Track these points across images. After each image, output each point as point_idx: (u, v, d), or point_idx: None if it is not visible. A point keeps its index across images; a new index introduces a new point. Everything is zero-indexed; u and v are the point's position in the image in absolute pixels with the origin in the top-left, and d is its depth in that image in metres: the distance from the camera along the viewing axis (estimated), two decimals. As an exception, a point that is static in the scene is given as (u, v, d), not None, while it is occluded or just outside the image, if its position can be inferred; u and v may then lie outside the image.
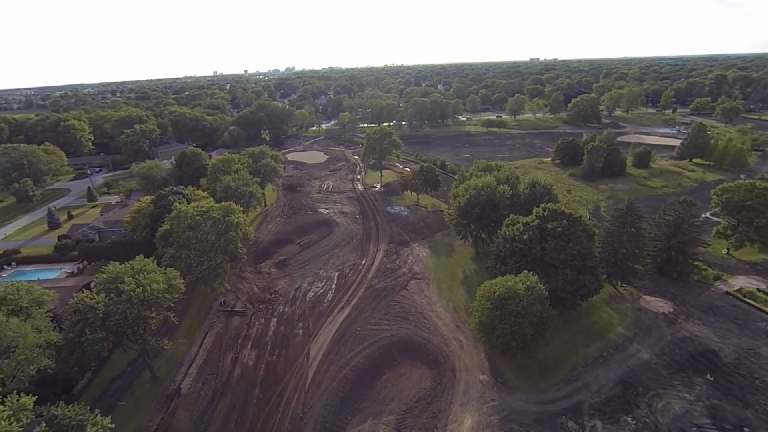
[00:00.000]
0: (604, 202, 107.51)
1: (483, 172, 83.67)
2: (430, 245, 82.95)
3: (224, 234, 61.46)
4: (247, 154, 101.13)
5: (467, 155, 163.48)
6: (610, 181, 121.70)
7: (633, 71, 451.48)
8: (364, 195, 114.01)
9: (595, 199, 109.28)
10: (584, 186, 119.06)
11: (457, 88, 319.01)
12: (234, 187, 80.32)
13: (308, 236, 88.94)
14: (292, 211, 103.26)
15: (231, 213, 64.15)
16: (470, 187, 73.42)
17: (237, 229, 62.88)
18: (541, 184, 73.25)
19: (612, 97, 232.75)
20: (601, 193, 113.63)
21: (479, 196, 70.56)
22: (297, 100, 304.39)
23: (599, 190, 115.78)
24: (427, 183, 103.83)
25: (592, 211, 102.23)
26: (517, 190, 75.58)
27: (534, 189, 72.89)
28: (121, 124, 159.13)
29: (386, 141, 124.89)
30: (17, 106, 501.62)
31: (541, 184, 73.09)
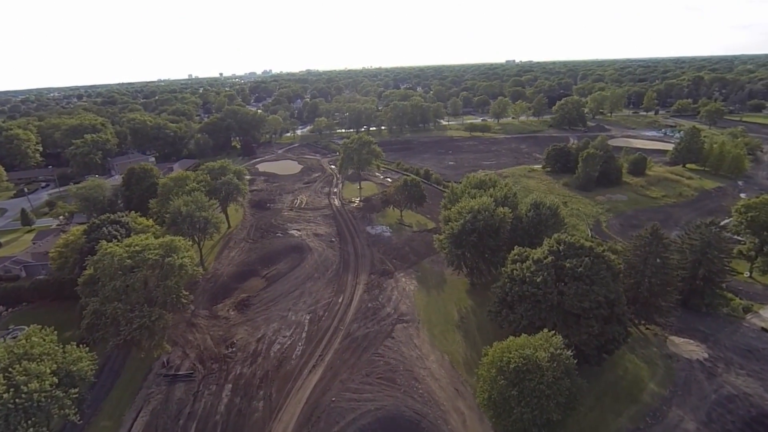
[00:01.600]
0: (604, 216, 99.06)
1: (476, 189, 73.10)
2: (417, 275, 71.72)
3: (163, 281, 48.35)
4: (205, 170, 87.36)
5: (452, 162, 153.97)
6: (607, 191, 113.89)
7: (609, 72, 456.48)
8: (341, 212, 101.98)
9: (594, 213, 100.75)
10: (580, 197, 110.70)
11: (438, 90, 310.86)
12: (185, 213, 66.84)
13: (276, 266, 76.27)
14: (260, 234, 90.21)
15: (173, 252, 51.09)
16: (464, 209, 62.60)
17: (180, 274, 49.87)
18: (546, 205, 63.24)
19: (596, 100, 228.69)
20: (599, 205, 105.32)
21: (475, 221, 59.84)
22: (271, 105, 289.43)
23: (597, 202, 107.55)
24: (412, 198, 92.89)
25: (593, 226, 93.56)
26: (518, 211, 65.29)
27: (538, 211, 62.80)
28: (72, 133, 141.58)
29: (365, 151, 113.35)
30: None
31: (546, 205, 63.06)
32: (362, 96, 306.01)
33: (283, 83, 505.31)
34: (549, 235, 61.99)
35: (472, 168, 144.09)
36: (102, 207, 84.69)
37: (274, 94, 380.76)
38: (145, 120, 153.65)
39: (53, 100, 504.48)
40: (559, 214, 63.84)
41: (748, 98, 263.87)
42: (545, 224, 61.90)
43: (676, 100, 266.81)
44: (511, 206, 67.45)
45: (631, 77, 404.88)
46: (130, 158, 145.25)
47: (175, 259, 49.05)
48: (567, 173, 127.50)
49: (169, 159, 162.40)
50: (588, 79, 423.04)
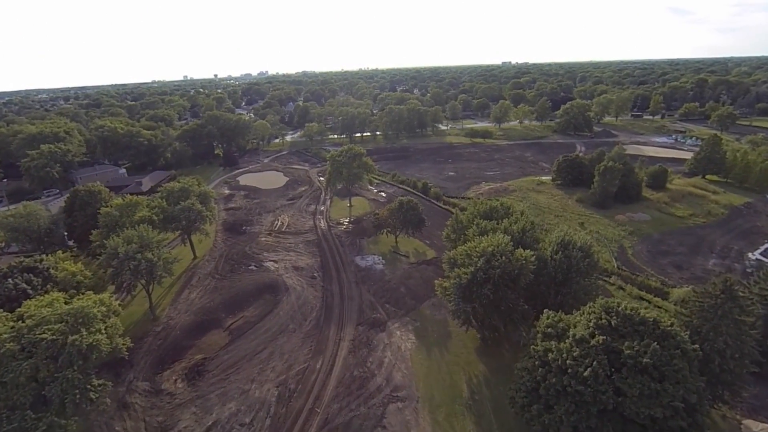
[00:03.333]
0: (627, 240, 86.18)
1: (486, 220, 60.03)
2: (415, 326, 58.53)
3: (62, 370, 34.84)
4: (163, 192, 73.64)
5: (452, 173, 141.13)
6: (626, 209, 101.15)
7: (607, 75, 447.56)
8: (327, 237, 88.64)
9: (617, 236, 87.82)
10: (598, 216, 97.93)
11: (435, 93, 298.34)
12: (123, 255, 53.31)
13: (244, 312, 62.84)
14: (230, 267, 76.67)
15: (86, 323, 37.64)
16: (474, 251, 49.49)
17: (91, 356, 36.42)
18: (576, 244, 50.22)
19: (601, 103, 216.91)
20: (620, 226, 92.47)
21: (489, 269, 46.79)
22: (261, 108, 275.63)
23: (617, 222, 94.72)
24: (408, 223, 79.79)
25: (617, 253, 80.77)
26: (541, 251, 52.28)
27: (567, 253, 49.79)
28: (30, 143, 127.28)
29: (355, 164, 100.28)
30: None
31: (577, 245, 50.06)
32: (357, 99, 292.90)
33: (276, 85, 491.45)
34: (580, 282, 49.42)
35: (474, 179, 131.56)
36: (38, 238, 70.73)
37: (267, 96, 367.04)
38: (116, 127, 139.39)
39: (38, 102, 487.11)
40: (593, 255, 50.86)
41: (755, 101, 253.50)
42: (576, 269, 48.98)
43: (681, 103, 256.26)
44: (531, 243, 54.52)
45: (631, 80, 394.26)
46: (96, 170, 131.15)
47: (81, 338, 35.54)
48: (580, 187, 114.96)
49: (145, 170, 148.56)
50: (587, 81, 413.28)
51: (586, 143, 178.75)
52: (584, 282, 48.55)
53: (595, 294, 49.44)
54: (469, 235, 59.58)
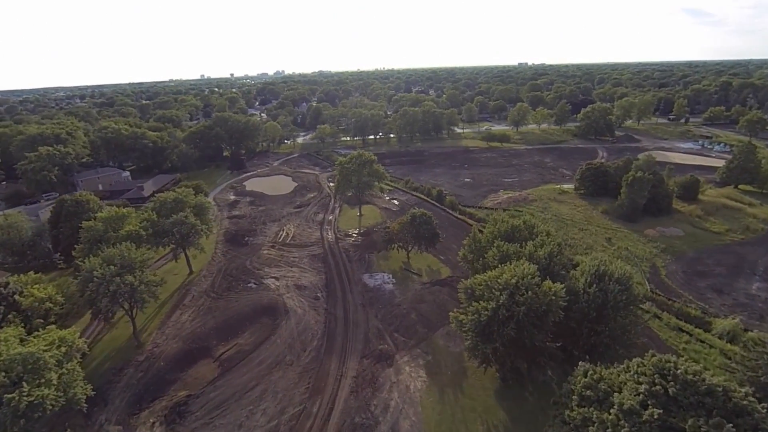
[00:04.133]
0: (660, 259, 77.70)
1: (507, 242, 53.26)
2: (426, 361, 52.14)
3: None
4: (156, 203, 68.83)
5: (468, 179, 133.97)
6: (656, 222, 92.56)
7: (626, 76, 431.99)
8: (334, 250, 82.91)
9: (647, 254, 79.40)
10: (626, 230, 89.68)
11: (451, 94, 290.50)
12: (99, 279, 48.26)
13: (238, 339, 57.45)
14: (227, 284, 71.55)
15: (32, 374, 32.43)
16: (495, 282, 42.87)
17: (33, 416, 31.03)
18: (613, 275, 43.11)
19: (622, 107, 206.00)
20: (651, 242, 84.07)
21: (514, 305, 40.18)
22: (274, 108, 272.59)
23: (647, 237, 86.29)
24: (421, 238, 73.39)
25: (649, 274, 72.66)
26: (571, 283, 45.31)
27: (603, 285, 42.75)
28: (29, 144, 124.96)
29: (366, 171, 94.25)
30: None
31: (614, 277, 42.94)
32: (371, 100, 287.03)
33: (291, 85, 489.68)
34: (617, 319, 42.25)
35: (491, 187, 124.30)
36: (21, 251, 66.58)
37: (280, 96, 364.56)
38: (120, 128, 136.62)
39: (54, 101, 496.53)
40: (632, 288, 43.64)
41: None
42: (613, 304, 41.93)
43: (705, 107, 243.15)
44: (559, 271, 47.61)
45: (652, 82, 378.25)
46: (98, 173, 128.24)
47: (21, 396, 30.14)
48: (605, 197, 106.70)
49: (150, 172, 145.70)
50: (606, 83, 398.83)
51: (608, 148, 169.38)
52: (622, 320, 41.47)
53: (634, 333, 42.45)
54: (488, 258, 52.98)
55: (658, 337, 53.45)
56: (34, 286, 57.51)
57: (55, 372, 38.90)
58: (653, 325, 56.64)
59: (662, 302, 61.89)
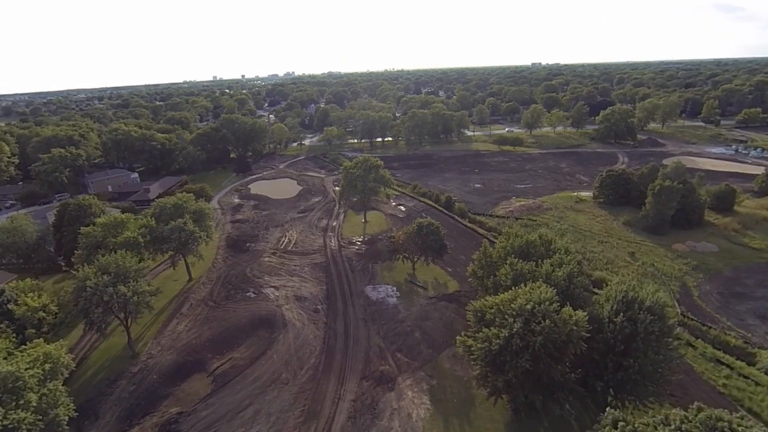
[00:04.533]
0: (691, 278, 71.86)
1: (521, 260, 48.98)
2: (430, 386, 48.14)
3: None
4: (156, 208, 66.56)
5: (478, 185, 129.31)
6: (687, 236, 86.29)
7: (648, 76, 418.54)
8: (337, 259, 79.50)
9: (676, 271, 73.60)
10: (651, 244, 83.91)
11: (461, 96, 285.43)
12: (92, 290, 45.84)
13: (233, 353, 54.44)
14: (226, 293, 68.75)
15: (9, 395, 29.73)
16: (509, 307, 38.74)
17: None
18: (643, 303, 38.46)
19: (645, 108, 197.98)
20: (680, 258, 78.17)
21: (528, 334, 35.99)
22: (282, 110, 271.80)
23: (675, 252, 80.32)
24: (428, 249, 69.39)
25: (679, 294, 67.14)
26: (595, 309, 40.85)
27: (632, 313, 38.16)
28: (44, 146, 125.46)
29: (372, 176, 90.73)
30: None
31: (645, 304, 38.30)
32: (379, 102, 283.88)
33: (300, 86, 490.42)
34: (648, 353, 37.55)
35: (503, 193, 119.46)
36: (26, 254, 65.18)
37: (289, 98, 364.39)
38: (130, 130, 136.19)
39: (75, 102, 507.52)
40: (666, 317, 38.90)
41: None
42: (644, 337, 37.28)
43: (738, 108, 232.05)
44: (580, 294, 43.15)
45: (676, 82, 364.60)
46: (108, 175, 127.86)
47: None
48: (627, 207, 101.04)
49: (158, 174, 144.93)
50: (625, 83, 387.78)
51: (629, 153, 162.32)
52: (654, 355, 36.79)
53: (668, 369, 37.70)
54: (500, 276, 48.77)
55: (692, 369, 48.16)
56: (29, 294, 55.84)
57: (35, 393, 36.97)
58: (686, 354, 50.91)
59: (696, 328, 55.72)
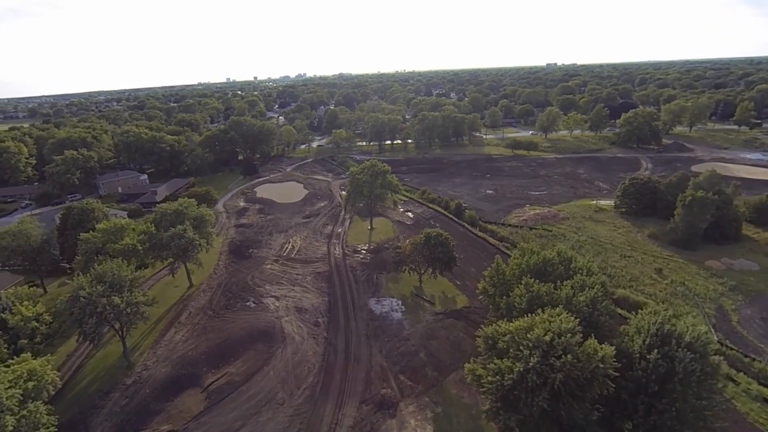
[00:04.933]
0: (728, 300, 64.86)
1: (538, 280, 44.62)
2: (435, 414, 44.20)
3: None
4: (157, 214, 64.35)
5: (490, 191, 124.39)
6: (721, 252, 78.59)
7: (672, 76, 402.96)
8: (341, 268, 76.11)
9: (710, 291, 66.58)
10: (680, 260, 77.38)
11: (473, 98, 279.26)
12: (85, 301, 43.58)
13: (229, 368, 51.58)
14: (225, 301, 66.10)
15: None
16: (524, 338, 34.57)
17: None
18: (682, 339, 33.68)
19: (671, 111, 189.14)
20: (714, 276, 71.28)
21: (546, 370, 31.76)
22: (291, 112, 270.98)
23: (709, 270, 72.94)
24: (436, 260, 65.46)
25: (716, 319, 60.78)
26: (623, 342, 36.32)
27: (668, 348, 33.51)
28: (58, 148, 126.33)
29: (378, 182, 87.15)
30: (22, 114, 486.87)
31: (684, 340, 33.55)
32: (389, 104, 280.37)
33: (311, 88, 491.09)
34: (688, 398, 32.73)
35: (516, 200, 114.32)
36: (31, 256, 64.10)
37: (299, 99, 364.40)
38: (140, 132, 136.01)
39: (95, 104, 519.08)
40: (710, 356, 33.97)
41: None
42: (683, 378, 32.52)
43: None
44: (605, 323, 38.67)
45: (704, 82, 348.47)
46: (118, 176, 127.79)
47: None
48: (652, 217, 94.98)
49: (168, 176, 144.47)
50: (648, 84, 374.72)
51: (653, 159, 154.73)
52: (696, 400, 32.00)
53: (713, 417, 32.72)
54: (513, 297, 44.55)
55: (734, 409, 42.87)
56: (24, 302, 54.30)
57: (13, 415, 34.90)
58: (729, 391, 44.07)
59: (737, 359, 49.27)
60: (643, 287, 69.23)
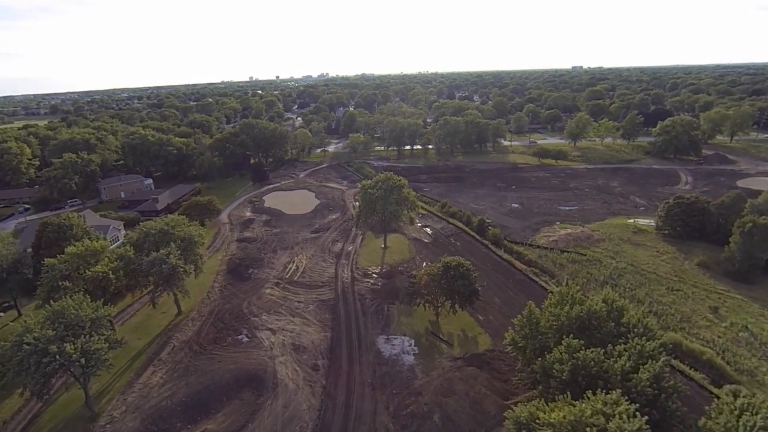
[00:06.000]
0: (805, 352, 54.72)
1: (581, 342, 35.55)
2: (454, 507, 35.66)
3: None
4: (141, 233, 57.86)
5: (516, 204, 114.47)
6: (786, 286, 68.39)
7: (706, 81, 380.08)
8: (348, 296, 68.19)
9: (780, 339, 56.70)
10: (737, 296, 66.59)
11: (498, 101, 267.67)
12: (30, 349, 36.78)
13: (208, 423, 44.22)
14: (215, 333, 59.06)
15: None
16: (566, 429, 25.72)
17: None
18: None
19: (712, 119, 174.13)
20: (783, 318, 60.85)
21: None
22: (310, 113, 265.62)
23: (773, 309, 62.89)
24: (455, 294, 56.82)
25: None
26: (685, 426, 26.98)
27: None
28: (60, 150, 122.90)
29: (393, 198, 78.82)
30: (44, 111, 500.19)
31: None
32: (410, 107, 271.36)
33: (331, 88, 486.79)
34: None
35: (545, 216, 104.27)
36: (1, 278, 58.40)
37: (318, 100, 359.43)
38: (146, 135, 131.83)
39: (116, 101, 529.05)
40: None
41: None
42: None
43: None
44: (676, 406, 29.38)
45: (743, 88, 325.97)
46: (121, 180, 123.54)
47: None
48: (700, 242, 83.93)
49: (175, 180, 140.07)
50: (680, 89, 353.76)
51: (692, 171, 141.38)
52: None
53: None
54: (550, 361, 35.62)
55: None
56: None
57: None
58: None
59: None
60: (698, 330, 59.12)
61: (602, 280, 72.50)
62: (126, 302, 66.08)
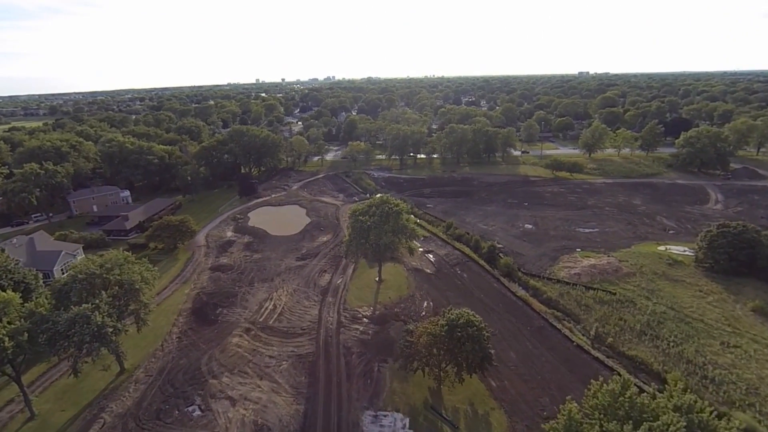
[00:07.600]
0: None
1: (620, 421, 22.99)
2: None
3: None
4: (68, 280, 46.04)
5: (530, 225, 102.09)
6: None
7: (718, 88, 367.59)
8: (331, 349, 55.98)
9: None
10: (810, 355, 54.01)
11: (506, 108, 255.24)
12: None
13: None
14: (161, 402, 47.05)
15: None
16: None
17: None
18: None
19: (738, 130, 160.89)
20: None
21: None
22: (310, 118, 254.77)
23: None
24: (460, 358, 44.63)
25: None
26: None
27: None
28: (26, 159, 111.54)
29: (389, 226, 66.61)
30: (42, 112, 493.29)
31: None
32: (414, 113, 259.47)
33: (335, 91, 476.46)
34: None
35: (563, 240, 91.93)
36: None
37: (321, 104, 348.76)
38: (124, 142, 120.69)
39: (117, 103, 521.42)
40: None
41: None
42: None
43: None
44: None
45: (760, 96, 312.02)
46: (93, 193, 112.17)
47: None
48: (749, 278, 71.33)
49: (157, 191, 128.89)
50: (692, 96, 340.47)
51: (721, 188, 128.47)
52: None
53: None
54: None
55: None
56: None
57: None
58: None
59: None
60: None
61: (639, 329, 60.21)
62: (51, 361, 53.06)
